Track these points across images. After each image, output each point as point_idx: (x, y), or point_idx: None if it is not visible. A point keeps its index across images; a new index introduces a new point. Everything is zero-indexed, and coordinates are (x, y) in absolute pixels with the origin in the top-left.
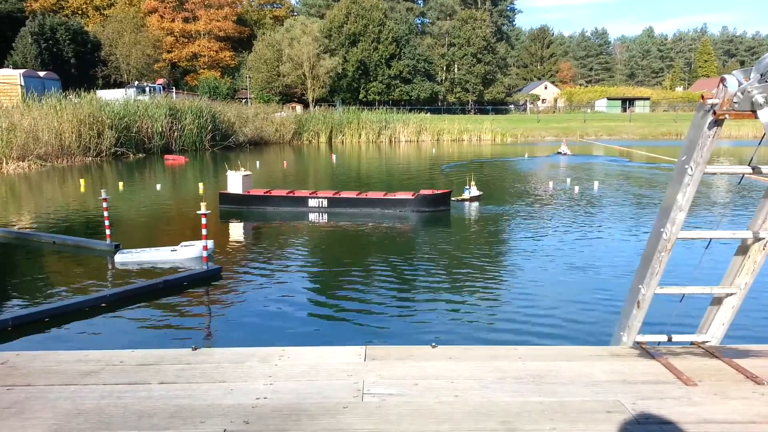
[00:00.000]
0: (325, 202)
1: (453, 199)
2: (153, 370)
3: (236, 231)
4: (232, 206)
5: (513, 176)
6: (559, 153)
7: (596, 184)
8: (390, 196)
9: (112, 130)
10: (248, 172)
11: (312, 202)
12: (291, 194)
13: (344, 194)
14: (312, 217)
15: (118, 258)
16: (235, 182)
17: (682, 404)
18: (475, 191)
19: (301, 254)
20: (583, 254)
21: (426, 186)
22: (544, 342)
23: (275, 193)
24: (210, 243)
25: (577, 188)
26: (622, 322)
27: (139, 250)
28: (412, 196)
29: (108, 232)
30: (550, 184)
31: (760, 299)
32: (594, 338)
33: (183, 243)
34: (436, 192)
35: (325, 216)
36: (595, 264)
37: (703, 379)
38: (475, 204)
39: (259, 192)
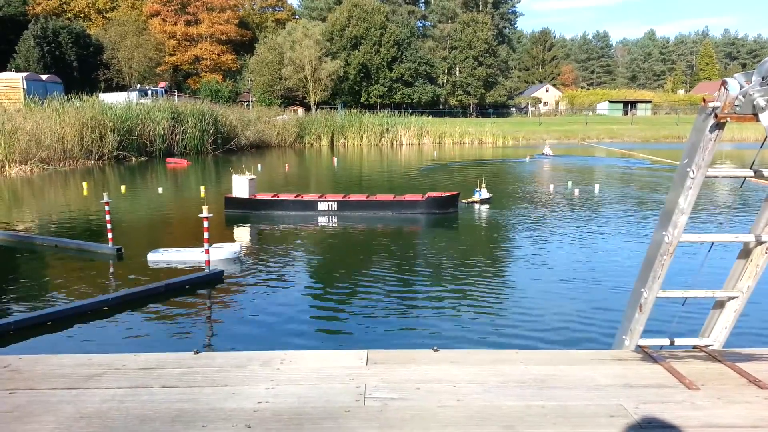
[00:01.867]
0: (334, 206)
1: (463, 201)
2: (155, 374)
3: (240, 235)
4: (238, 210)
5: (514, 178)
6: (543, 154)
7: (597, 187)
8: (400, 199)
9: (114, 133)
10: (253, 176)
11: (321, 206)
12: (299, 198)
13: (354, 197)
14: (321, 220)
15: (150, 257)
16: (241, 186)
17: (685, 408)
18: (485, 194)
19: (305, 258)
20: (585, 257)
21: (425, 189)
22: (546, 346)
23: (283, 196)
24: (237, 246)
25: (576, 191)
26: (624, 325)
27: (171, 249)
28: (422, 198)
29: (110, 235)
30: (551, 186)
31: (762, 303)
32: (596, 342)
33: (214, 244)
34: (445, 194)
35: (335, 219)
36: (597, 267)
37: (706, 383)
38: (485, 206)
39: (267, 196)
